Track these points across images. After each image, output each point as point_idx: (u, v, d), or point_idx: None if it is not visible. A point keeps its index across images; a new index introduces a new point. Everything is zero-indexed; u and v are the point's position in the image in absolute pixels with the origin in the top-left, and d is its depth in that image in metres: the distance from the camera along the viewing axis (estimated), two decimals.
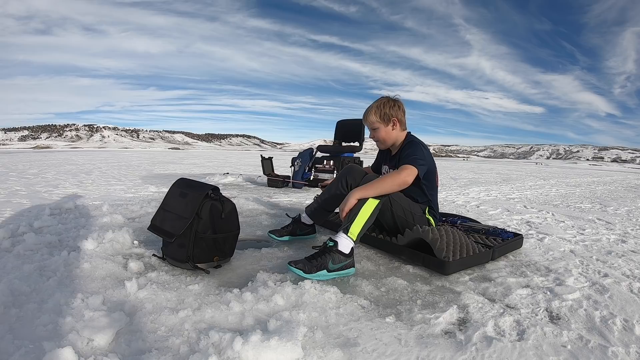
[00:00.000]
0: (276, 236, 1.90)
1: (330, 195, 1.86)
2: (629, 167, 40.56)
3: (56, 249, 1.67)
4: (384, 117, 1.81)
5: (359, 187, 1.57)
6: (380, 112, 1.81)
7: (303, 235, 1.96)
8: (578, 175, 12.16)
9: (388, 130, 1.83)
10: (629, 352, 1.00)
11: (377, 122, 1.83)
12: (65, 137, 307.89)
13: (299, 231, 1.94)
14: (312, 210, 1.93)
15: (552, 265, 1.74)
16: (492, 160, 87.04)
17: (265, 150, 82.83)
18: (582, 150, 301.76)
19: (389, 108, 1.80)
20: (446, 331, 1.08)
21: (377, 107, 1.82)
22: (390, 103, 1.82)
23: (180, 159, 15.76)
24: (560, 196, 5.07)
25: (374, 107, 1.82)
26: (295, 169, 4.74)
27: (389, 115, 1.80)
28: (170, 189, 1.60)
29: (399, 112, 1.82)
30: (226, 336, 0.93)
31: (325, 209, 1.92)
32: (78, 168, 7.78)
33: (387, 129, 1.83)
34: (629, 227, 2.83)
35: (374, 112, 1.82)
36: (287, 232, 1.92)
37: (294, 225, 1.94)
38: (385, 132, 1.84)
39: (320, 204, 1.91)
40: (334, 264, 1.41)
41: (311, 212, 1.93)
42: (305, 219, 1.95)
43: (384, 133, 1.84)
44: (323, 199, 1.90)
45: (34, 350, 0.89)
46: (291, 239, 1.93)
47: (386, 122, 1.82)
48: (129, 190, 4.11)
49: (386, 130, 1.84)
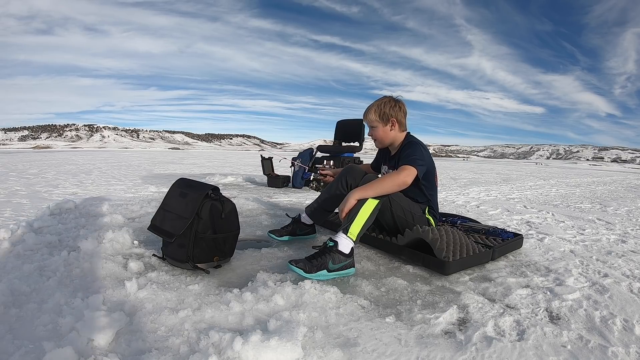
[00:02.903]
0: (276, 236, 1.90)
1: (330, 195, 1.86)
2: (629, 167, 40.56)
3: (56, 249, 1.67)
4: (383, 116, 1.81)
5: (359, 188, 1.57)
6: (380, 111, 1.81)
7: (303, 236, 1.96)
8: (578, 176, 12.16)
9: (386, 130, 1.84)
10: (629, 352, 1.00)
11: (376, 121, 1.83)
12: (65, 137, 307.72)
13: (299, 231, 1.94)
14: (312, 210, 1.93)
15: (552, 265, 1.74)
16: (492, 160, 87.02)
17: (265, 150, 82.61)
18: (582, 151, 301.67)
19: (390, 108, 1.81)
20: (446, 331, 1.08)
21: (377, 105, 1.83)
22: (391, 103, 1.82)
23: (180, 159, 15.76)
24: (560, 196, 5.07)
25: (375, 106, 1.83)
26: (295, 169, 4.74)
27: (388, 115, 1.81)
28: (170, 189, 1.60)
29: (399, 113, 1.82)
30: (226, 336, 0.93)
31: (325, 208, 1.92)
32: (78, 168, 7.78)
33: (385, 129, 1.84)
34: (629, 227, 2.83)
35: (374, 110, 1.83)
36: (287, 232, 1.92)
37: (294, 225, 1.94)
38: (383, 131, 1.85)
39: (320, 204, 1.91)
40: (334, 264, 1.41)
41: (311, 212, 1.94)
42: (305, 219, 1.95)
43: (381, 132, 1.85)
44: (323, 199, 1.90)
45: (34, 350, 0.89)
46: (291, 239, 1.93)
47: (385, 121, 1.82)
48: (129, 190, 4.11)
49: (384, 130, 1.84)
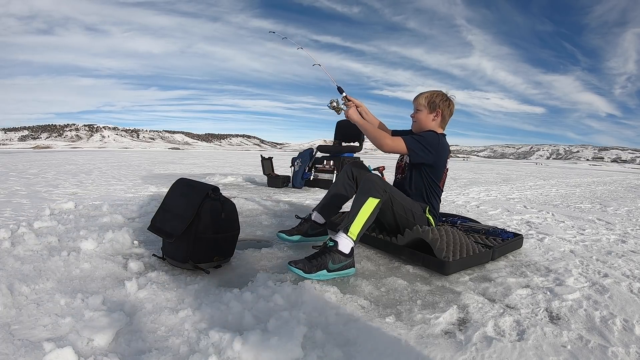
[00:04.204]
0: (287, 235, 1.85)
1: (338, 191, 1.86)
2: (629, 167, 40.56)
3: (56, 249, 1.67)
4: (431, 104, 1.85)
5: (360, 117, 1.82)
6: (430, 98, 1.85)
7: (315, 236, 1.88)
8: (578, 176, 12.16)
9: (429, 117, 1.86)
10: (629, 352, 1.00)
11: (423, 106, 1.86)
12: (65, 137, 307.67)
13: (311, 230, 1.88)
14: (322, 207, 1.91)
15: (552, 266, 1.74)
16: (492, 160, 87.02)
17: (265, 150, 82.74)
18: (582, 151, 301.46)
19: (440, 100, 1.84)
20: (446, 331, 1.08)
21: (430, 94, 1.86)
22: (443, 97, 1.86)
23: (180, 159, 15.76)
24: (560, 196, 5.08)
25: (427, 93, 1.87)
26: (295, 169, 4.75)
27: (436, 105, 1.84)
28: (170, 189, 1.60)
29: (446, 109, 1.86)
30: (226, 336, 0.93)
31: (335, 204, 1.91)
32: (78, 168, 7.79)
33: (429, 116, 1.86)
34: (629, 227, 2.83)
35: (426, 96, 1.86)
36: (298, 231, 1.86)
37: (305, 225, 1.88)
38: (425, 117, 1.86)
39: (329, 200, 1.90)
40: (334, 264, 1.41)
41: (321, 208, 1.91)
42: (316, 217, 1.90)
43: (424, 117, 1.87)
44: (331, 194, 1.89)
45: (34, 350, 0.89)
46: (302, 239, 1.85)
47: (431, 109, 1.85)
48: (129, 190, 4.11)
49: (427, 117, 1.86)
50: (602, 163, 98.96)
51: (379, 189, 1.55)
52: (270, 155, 5.28)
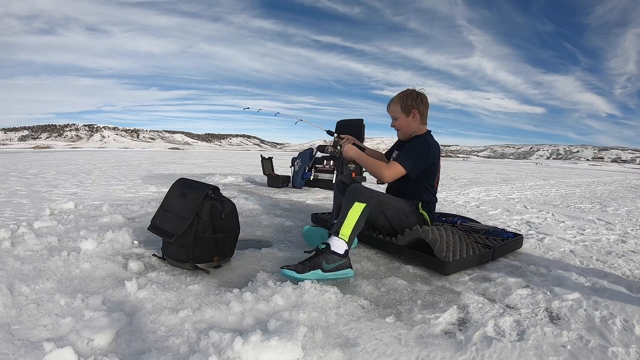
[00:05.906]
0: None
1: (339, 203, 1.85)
2: (629, 167, 40.57)
3: (56, 249, 1.67)
4: (404, 107, 1.84)
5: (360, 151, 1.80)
6: (402, 102, 1.84)
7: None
8: (578, 176, 12.16)
9: (408, 120, 1.85)
10: (629, 352, 1.00)
11: (398, 112, 1.86)
12: (65, 137, 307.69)
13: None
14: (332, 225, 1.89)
15: (552, 266, 1.74)
16: (492, 160, 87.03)
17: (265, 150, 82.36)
18: (582, 151, 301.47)
19: (412, 100, 1.83)
20: (446, 331, 1.08)
21: (400, 97, 1.85)
22: (413, 95, 1.84)
23: (180, 159, 15.75)
24: (560, 196, 5.07)
25: (398, 97, 1.86)
26: (295, 169, 4.75)
27: (410, 106, 1.83)
28: (170, 189, 1.60)
29: (421, 105, 1.84)
30: (226, 336, 0.93)
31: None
32: (78, 168, 7.78)
33: (407, 120, 1.85)
34: (629, 227, 2.83)
35: (396, 101, 1.86)
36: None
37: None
38: (405, 122, 1.86)
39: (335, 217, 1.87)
40: (328, 264, 1.41)
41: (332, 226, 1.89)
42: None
43: (403, 123, 1.87)
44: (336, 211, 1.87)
45: (34, 350, 0.89)
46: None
47: (407, 112, 1.84)
48: (129, 190, 4.11)
49: (406, 121, 1.86)
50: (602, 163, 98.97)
51: (365, 195, 1.56)
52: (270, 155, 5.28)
